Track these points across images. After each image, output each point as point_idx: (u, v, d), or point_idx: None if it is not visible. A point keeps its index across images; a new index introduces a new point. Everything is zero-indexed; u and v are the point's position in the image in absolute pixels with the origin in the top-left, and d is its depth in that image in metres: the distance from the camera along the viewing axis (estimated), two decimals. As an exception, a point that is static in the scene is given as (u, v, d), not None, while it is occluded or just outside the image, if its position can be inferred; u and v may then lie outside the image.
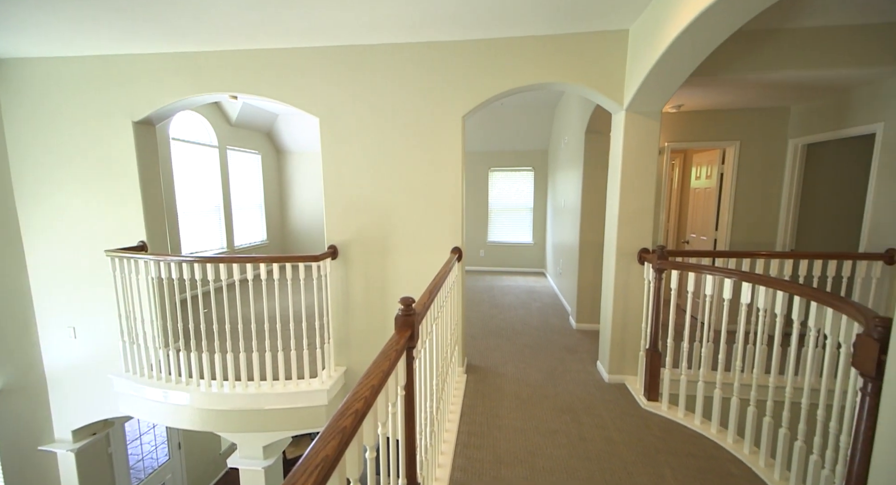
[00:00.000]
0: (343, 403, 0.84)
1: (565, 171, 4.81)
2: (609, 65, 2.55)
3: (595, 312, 3.82)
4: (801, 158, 3.75)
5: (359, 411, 0.83)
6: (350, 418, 0.80)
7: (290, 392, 2.53)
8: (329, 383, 2.60)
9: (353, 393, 0.88)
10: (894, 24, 2.44)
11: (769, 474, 1.80)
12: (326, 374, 2.67)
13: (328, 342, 2.67)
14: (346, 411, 0.81)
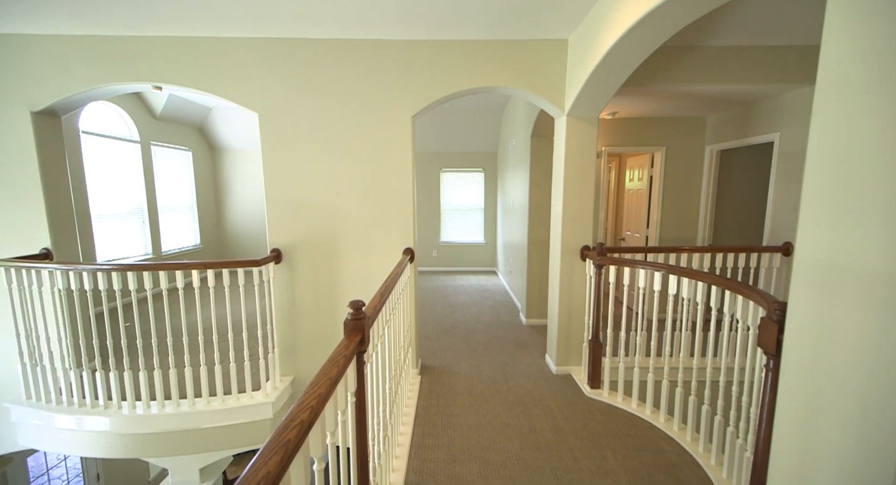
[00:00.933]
0: (287, 414, 0.79)
1: (513, 172, 4.98)
2: (551, 72, 2.68)
3: (543, 307, 3.99)
4: (716, 162, 4.21)
5: (304, 422, 0.78)
6: (295, 430, 0.75)
7: (231, 408, 2.35)
8: (274, 395, 2.46)
9: (299, 403, 0.84)
10: (787, 47, 2.83)
11: (695, 447, 2.00)
12: (271, 385, 2.51)
13: (272, 352, 2.52)
14: (290, 422, 0.77)
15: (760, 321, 1.33)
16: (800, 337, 0.97)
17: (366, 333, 1.24)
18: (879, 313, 0.78)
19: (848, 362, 0.85)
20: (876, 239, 0.79)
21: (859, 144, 0.83)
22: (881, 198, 0.78)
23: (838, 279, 0.87)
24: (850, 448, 0.84)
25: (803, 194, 0.96)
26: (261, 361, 2.50)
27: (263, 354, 2.50)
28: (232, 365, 2.37)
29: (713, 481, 1.78)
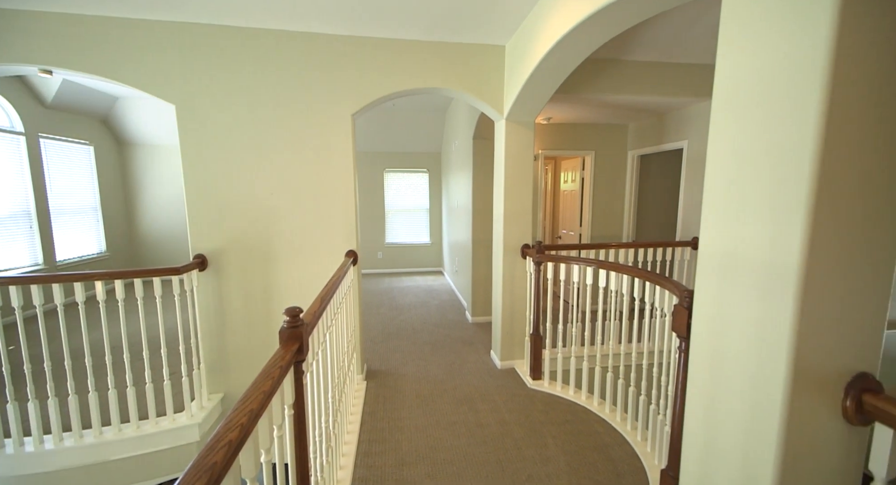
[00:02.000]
0: (213, 435, 0.72)
1: (457, 173, 5.05)
2: (490, 76, 2.76)
3: (488, 305, 4.10)
4: (636, 166, 4.65)
5: (233, 442, 0.72)
6: (222, 451, 0.69)
7: (148, 434, 2.09)
8: (201, 416, 2.23)
9: (227, 422, 0.77)
10: (692, 65, 3.20)
11: (623, 426, 2.19)
12: (197, 405, 2.28)
13: (198, 368, 2.29)
14: (216, 443, 0.70)
15: (674, 308, 1.49)
16: (704, 320, 1.10)
17: (304, 341, 1.18)
18: (760, 295, 0.92)
19: (739, 338, 0.98)
20: (756, 233, 0.92)
21: (745, 152, 0.96)
22: (760, 198, 0.91)
23: (732, 268, 1.00)
24: (743, 412, 0.97)
25: (704, 195, 1.09)
26: (184, 380, 2.26)
27: (187, 372, 2.26)
28: (148, 386, 2.11)
29: (639, 455, 1.95)
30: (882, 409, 0.82)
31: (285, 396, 1.08)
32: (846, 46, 0.77)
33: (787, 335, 0.86)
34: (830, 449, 0.90)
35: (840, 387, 0.88)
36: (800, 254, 0.83)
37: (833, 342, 0.86)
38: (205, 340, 2.48)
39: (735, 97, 0.98)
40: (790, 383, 0.86)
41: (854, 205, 0.83)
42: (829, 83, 0.78)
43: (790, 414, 0.87)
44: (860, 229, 0.84)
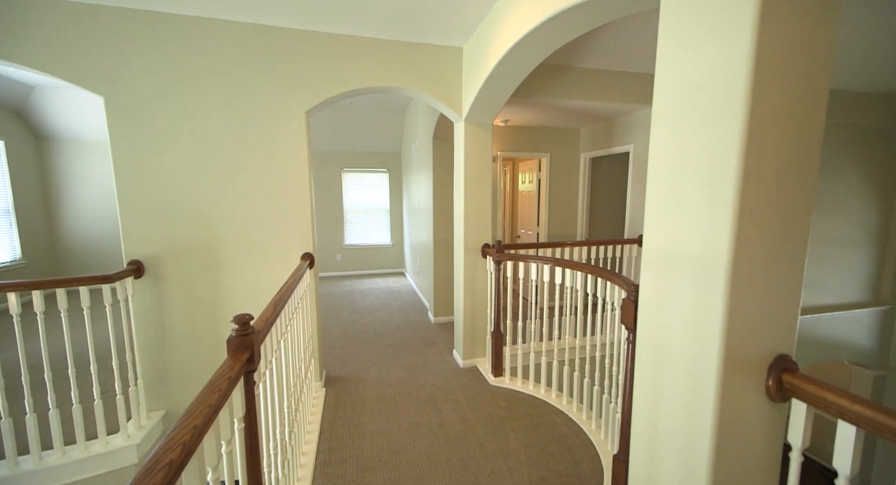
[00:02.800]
0: (150, 456, 0.66)
1: (417, 173, 5.03)
2: (449, 78, 2.77)
3: (450, 304, 4.12)
4: (589, 168, 4.89)
5: (174, 462, 0.67)
6: (161, 473, 0.63)
7: (76, 460, 1.88)
8: (139, 436, 2.05)
9: (167, 441, 0.71)
10: (636, 74, 3.42)
11: (579, 416, 2.29)
12: (134, 425, 2.09)
13: (135, 384, 2.10)
14: (154, 465, 0.64)
15: (622, 302, 1.58)
16: (648, 311, 1.18)
17: (255, 349, 1.12)
18: (695, 287, 0.99)
19: (679, 327, 1.06)
20: (692, 231, 1.00)
21: (681, 156, 1.04)
22: (694, 199, 0.99)
23: (671, 263, 1.08)
24: (683, 395, 1.05)
25: (647, 196, 1.16)
26: (118, 398, 2.05)
27: (122, 389, 2.06)
28: (76, 407, 1.90)
29: (594, 442, 2.05)
30: (798, 386, 0.92)
31: (235, 408, 1.01)
32: (763, 58, 0.85)
33: (718, 323, 0.94)
34: (756, 424, 1.00)
35: (763, 368, 0.98)
36: (728, 249, 0.91)
37: (757, 328, 0.96)
38: (143, 354, 2.27)
39: (672, 105, 1.06)
40: (722, 366, 0.94)
41: (771, 204, 0.92)
42: (750, 93, 0.86)
43: (722, 394, 0.95)
44: (776, 226, 0.94)
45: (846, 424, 0.83)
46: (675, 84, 1.05)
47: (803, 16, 0.87)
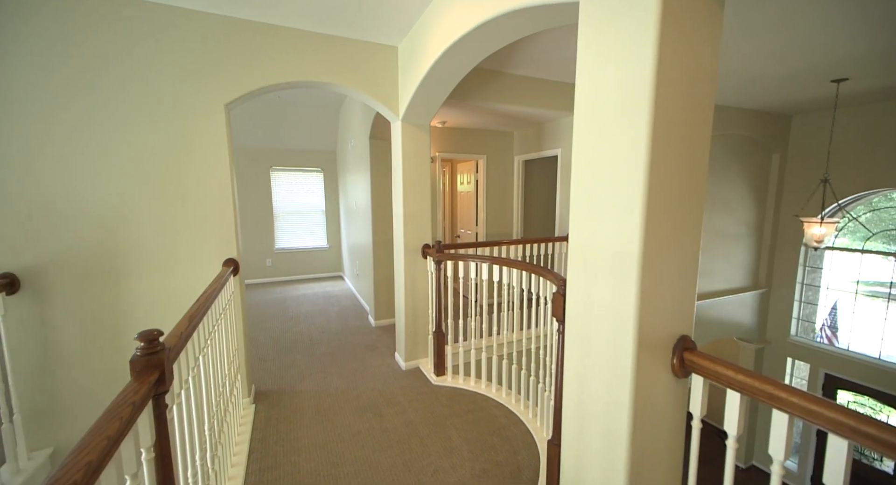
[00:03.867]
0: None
1: (354, 173, 4.89)
2: (385, 77, 2.73)
3: (391, 307, 4.06)
4: (522, 170, 5.14)
5: (59, 510, 0.57)
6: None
7: (-75, 524, 1.52)
8: (19, 480, 1.71)
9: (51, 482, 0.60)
10: (561, 83, 3.67)
11: (518, 407, 2.39)
12: (10, 469, 1.74)
13: (9, 421, 1.75)
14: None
15: (553, 296, 1.69)
16: (575, 303, 1.27)
17: (166, 369, 1.00)
18: (613, 279, 1.09)
19: (600, 315, 1.15)
20: (609, 228, 1.10)
21: (598, 161, 1.13)
22: (610, 199, 1.09)
23: (592, 257, 1.17)
24: (605, 377, 1.15)
25: (571, 196, 1.25)
26: (-12, 439, 1.70)
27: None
28: (-77, 458, 1.53)
29: (531, 431, 2.16)
30: (696, 363, 1.06)
31: (141, 437, 0.89)
32: (662, 75, 0.97)
33: (632, 310, 1.04)
34: (664, 398, 1.13)
35: (669, 348, 1.11)
36: (638, 245, 1.02)
37: (662, 313, 1.08)
38: (20, 383, 1.91)
39: (590, 115, 1.16)
40: (636, 349, 1.05)
41: (671, 204, 1.05)
42: (653, 106, 0.97)
43: (637, 373, 1.06)
44: (676, 224, 1.07)
45: (733, 391, 0.97)
46: (592, 96, 1.14)
47: (690, 42, 1.00)
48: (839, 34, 2.50)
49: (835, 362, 4.83)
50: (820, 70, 3.22)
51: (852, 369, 4.68)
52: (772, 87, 3.74)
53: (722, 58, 2.96)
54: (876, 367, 4.49)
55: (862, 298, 5.03)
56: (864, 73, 3.25)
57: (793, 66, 3.14)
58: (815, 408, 0.78)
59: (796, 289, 5.19)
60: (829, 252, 5.09)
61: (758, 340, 5.43)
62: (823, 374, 4.95)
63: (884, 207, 4.84)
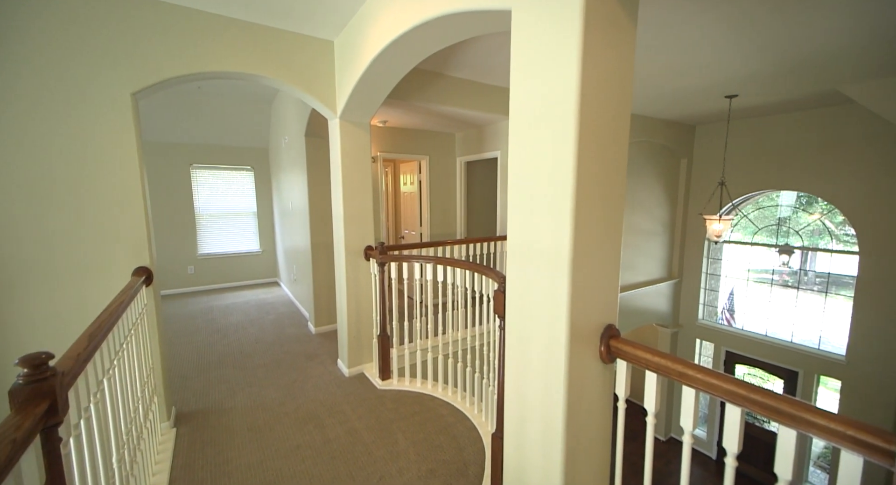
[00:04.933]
0: None
1: (289, 173, 4.62)
2: (321, 72, 2.61)
3: (332, 312, 3.90)
4: (464, 171, 5.23)
5: None
6: None
7: None
8: None
9: None
10: (499, 87, 3.80)
11: (464, 404, 2.43)
12: None
13: None
14: None
15: (494, 293, 1.74)
16: (514, 299, 1.32)
17: (59, 397, 0.85)
18: (548, 274, 1.16)
19: (537, 309, 1.21)
20: (543, 227, 1.16)
21: (532, 164, 1.19)
22: (544, 200, 1.15)
23: (530, 256, 1.23)
24: (542, 366, 1.21)
25: (508, 197, 1.30)
26: None
27: None
28: None
29: (476, 427, 2.21)
30: (620, 349, 1.16)
31: (26, 480, 0.75)
32: (585, 86, 1.04)
33: (565, 303, 1.11)
34: (594, 382, 1.21)
35: (597, 336, 1.20)
36: (569, 242, 1.09)
37: (591, 304, 1.16)
38: None
39: (523, 119, 1.21)
40: (569, 339, 1.11)
41: (596, 203, 1.13)
42: (578, 113, 1.04)
43: (570, 361, 1.12)
44: (600, 222, 1.16)
45: (650, 372, 1.07)
46: (525, 103, 1.20)
47: (609, 56, 1.09)
48: (730, 56, 2.90)
49: (733, 341, 5.59)
50: (716, 87, 3.71)
51: (746, 345, 5.45)
52: (679, 100, 4.23)
53: (639, 72, 3.28)
54: (763, 343, 5.28)
55: (752, 284, 5.90)
56: (751, 90, 3.81)
57: (694, 83, 3.57)
58: (715, 382, 0.90)
59: (702, 278, 5.92)
60: (726, 245, 5.87)
61: (672, 325, 6.10)
62: (724, 351, 5.71)
63: (767, 205, 5.71)
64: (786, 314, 5.33)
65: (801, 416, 0.76)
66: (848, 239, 4.79)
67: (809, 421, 0.75)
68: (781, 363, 5.12)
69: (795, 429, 0.78)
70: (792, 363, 5.03)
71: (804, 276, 5.41)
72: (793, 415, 0.77)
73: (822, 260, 5.36)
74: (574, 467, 1.19)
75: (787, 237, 5.40)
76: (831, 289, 5.01)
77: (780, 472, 0.82)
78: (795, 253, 5.38)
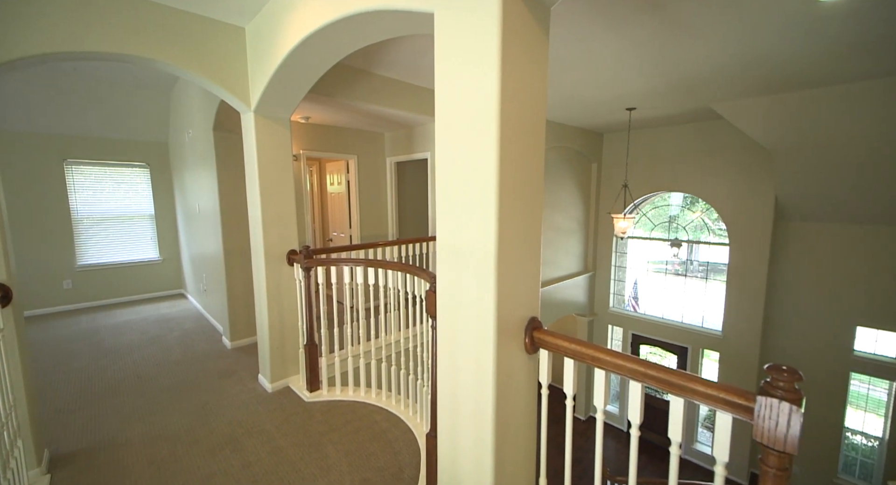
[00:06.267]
0: None
1: (195, 170, 4.12)
2: (231, 60, 2.36)
3: (251, 323, 3.57)
4: (394, 171, 5.17)
5: None
6: None
7: None
8: None
9: None
10: (428, 89, 3.81)
11: (399, 408, 2.39)
12: None
13: None
14: None
15: (426, 293, 1.73)
16: (444, 298, 1.32)
17: None
18: (476, 272, 1.18)
19: (467, 306, 1.23)
20: (471, 227, 1.18)
21: (458, 166, 1.20)
22: (471, 200, 1.17)
23: (459, 255, 1.24)
24: (472, 361, 1.23)
25: (437, 198, 1.30)
26: None
27: None
28: None
29: (412, 429, 2.19)
30: (542, 339, 1.22)
31: None
32: (504, 93, 1.08)
33: (492, 299, 1.14)
34: (520, 374, 1.27)
35: (521, 329, 1.25)
36: (494, 241, 1.12)
37: (515, 299, 1.22)
38: None
39: (449, 123, 1.22)
40: (496, 333, 1.15)
41: (517, 204, 1.19)
42: (499, 118, 1.08)
43: (498, 354, 1.16)
44: (522, 221, 1.21)
45: (568, 359, 1.15)
46: (449, 106, 1.21)
47: (526, 65, 1.15)
48: (629, 73, 3.27)
49: (638, 325, 6.33)
50: (618, 99, 4.16)
51: (648, 328, 6.21)
52: (589, 110, 4.67)
53: (555, 83, 3.54)
54: (661, 324, 6.06)
55: (652, 273, 6.75)
56: (647, 104, 4.34)
57: (601, 94, 3.97)
58: (620, 362, 0.99)
59: (611, 270, 6.61)
60: (630, 240, 6.63)
61: (589, 314, 6.71)
62: (631, 334, 6.44)
63: (661, 205, 6.57)
64: (677, 299, 6.19)
65: (686, 385, 0.88)
66: (721, 233, 5.71)
67: (692, 389, 0.87)
68: (675, 341, 5.94)
69: (682, 397, 0.90)
70: (683, 341, 5.86)
71: (690, 265, 6.34)
72: (680, 385, 0.89)
73: (703, 251, 6.33)
74: (503, 454, 1.23)
75: (676, 232, 6.27)
76: (710, 275, 5.94)
77: (672, 435, 0.93)
78: (683, 246, 6.28)
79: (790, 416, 0.73)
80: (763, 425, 0.76)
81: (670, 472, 0.94)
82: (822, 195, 4.50)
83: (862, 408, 4.81)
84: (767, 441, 0.76)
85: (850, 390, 4.75)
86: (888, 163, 3.81)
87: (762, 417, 0.76)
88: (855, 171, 4.05)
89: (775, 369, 0.76)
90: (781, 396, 0.74)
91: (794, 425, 0.73)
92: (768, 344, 5.26)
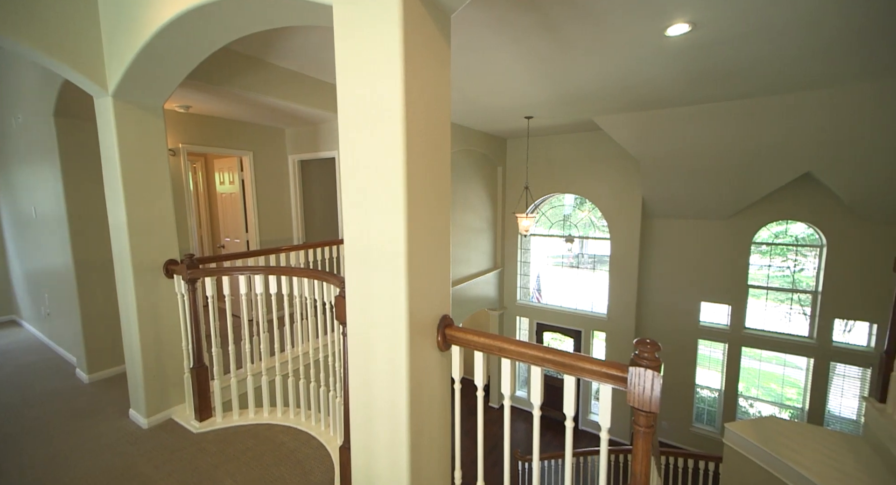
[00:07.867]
0: None
1: (29, 165, 3.28)
2: (77, 32, 1.92)
3: (117, 350, 2.97)
4: (298, 170, 4.80)
5: None
6: None
7: None
8: None
9: None
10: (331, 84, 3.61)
11: (309, 423, 2.22)
12: None
13: None
14: None
15: (335, 299, 1.64)
16: (355, 301, 1.27)
17: None
18: (387, 273, 1.15)
19: (379, 307, 1.19)
20: (379, 228, 1.15)
21: (364, 165, 1.16)
22: (377, 200, 1.14)
23: (367, 257, 1.20)
24: (385, 364, 1.20)
25: (343, 199, 1.23)
26: None
27: None
28: None
29: (323, 443, 2.05)
30: (454, 336, 1.25)
31: None
32: (409, 93, 1.08)
33: (403, 299, 1.12)
34: (433, 371, 1.28)
35: (434, 327, 1.26)
36: (403, 241, 1.11)
37: (427, 299, 1.22)
38: None
39: (353, 122, 1.17)
40: (409, 333, 1.14)
41: (425, 204, 1.19)
42: (404, 118, 1.07)
43: (411, 354, 1.15)
44: (430, 222, 1.22)
45: (478, 352, 1.20)
46: (352, 104, 1.16)
47: (428, 63, 1.16)
48: (526, 84, 3.56)
49: (541, 314, 6.96)
50: (518, 108, 4.50)
51: (550, 316, 6.87)
52: (491, 116, 4.96)
53: (460, 88, 3.67)
54: (559, 312, 6.76)
55: (551, 267, 7.48)
56: (542, 113, 4.77)
57: (503, 102, 4.25)
58: (523, 350, 1.07)
59: (517, 266, 7.14)
60: (532, 238, 7.24)
61: (500, 308, 7.16)
62: (536, 324, 7.04)
63: (557, 205, 7.31)
64: (572, 288, 6.97)
65: (576, 364, 0.99)
66: (604, 229, 6.59)
67: (581, 367, 0.98)
68: (571, 326, 6.68)
69: (574, 375, 1.00)
70: (577, 325, 6.62)
71: (581, 258, 7.18)
72: (571, 365, 1.00)
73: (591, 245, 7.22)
74: (419, 453, 1.23)
75: (570, 229, 7.06)
76: (597, 266, 6.81)
77: (566, 410, 1.03)
78: (575, 241, 7.09)
79: (653, 381, 0.87)
80: (634, 391, 0.89)
81: (566, 443, 1.05)
82: (676, 196, 5.53)
83: (706, 367, 6.02)
84: (638, 404, 0.89)
85: (699, 353, 5.91)
86: (722, 170, 4.85)
87: (633, 384, 0.89)
88: (700, 177, 5.05)
89: (641, 343, 0.89)
90: (646, 365, 0.88)
91: (657, 389, 0.87)
92: (642, 322, 6.25)
